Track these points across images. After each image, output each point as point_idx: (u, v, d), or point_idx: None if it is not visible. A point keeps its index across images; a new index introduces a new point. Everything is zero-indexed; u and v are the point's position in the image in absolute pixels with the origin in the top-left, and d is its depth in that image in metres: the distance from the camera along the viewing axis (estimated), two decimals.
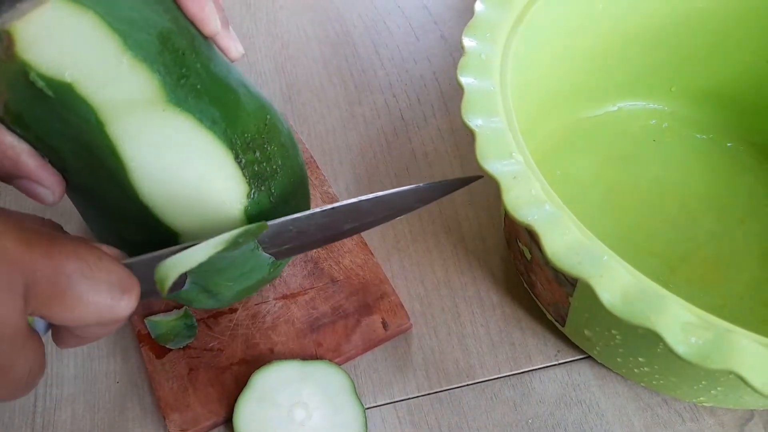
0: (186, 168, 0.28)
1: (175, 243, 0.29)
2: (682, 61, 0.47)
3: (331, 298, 0.40)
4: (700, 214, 0.44)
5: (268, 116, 0.31)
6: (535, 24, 0.37)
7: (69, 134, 0.27)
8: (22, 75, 0.25)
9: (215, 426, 0.37)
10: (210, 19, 0.29)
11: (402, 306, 0.40)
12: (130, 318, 0.39)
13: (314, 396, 0.36)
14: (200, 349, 0.38)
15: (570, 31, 0.42)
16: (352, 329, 0.39)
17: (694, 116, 0.49)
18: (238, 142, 0.29)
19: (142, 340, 0.38)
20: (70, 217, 0.44)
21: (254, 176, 0.30)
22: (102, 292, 0.24)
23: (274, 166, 0.31)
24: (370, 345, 0.39)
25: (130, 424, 0.37)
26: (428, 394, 0.38)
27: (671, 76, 0.48)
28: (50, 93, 0.25)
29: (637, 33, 0.45)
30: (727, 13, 0.44)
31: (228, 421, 0.36)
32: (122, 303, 0.24)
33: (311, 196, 0.41)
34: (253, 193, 0.30)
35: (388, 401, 0.38)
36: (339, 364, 0.38)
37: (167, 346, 0.38)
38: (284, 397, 0.36)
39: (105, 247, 0.26)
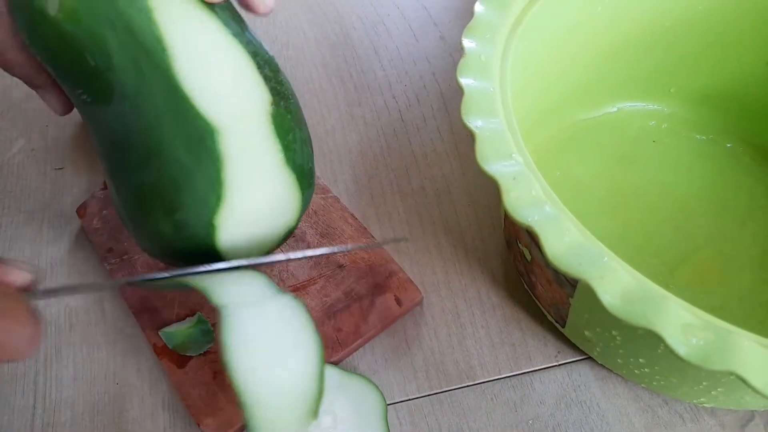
0: (219, 63, 0.30)
1: (210, 141, 0.30)
2: (681, 62, 0.47)
3: (341, 283, 0.40)
4: (700, 214, 0.44)
5: (274, 59, 0.34)
6: (534, 25, 0.37)
7: (120, 23, 0.28)
8: None
9: None
10: None
11: (411, 281, 0.41)
12: (144, 330, 0.39)
13: (346, 408, 0.35)
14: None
15: (569, 33, 0.42)
16: (367, 310, 0.39)
17: (694, 117, 0.49)
18: (257, 56, 0.32)
19: (160, 352, 0.38)
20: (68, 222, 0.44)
21: (273, 91, 0.32)
22: (10, 340, 0.24)
23: (287, 93, 0.33)
24: (387, 322, 0.39)
25: (130, 426, 0.37)
26: (428, 395, 0.38)
27: (670, 77, 0.48)
28: None
29: (636, 34, 0.45)
30: (726, 13, 0.44)
31: None
32: (27, 351, 0.25)
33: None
34: (277, 103, 0.32)
35: (389, 402, 0.38)
36: (372, 382, 0.37)
37: (187, 354, 0.38)
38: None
39: (16, 273, 0.27)
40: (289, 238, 0.36)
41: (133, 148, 0.30)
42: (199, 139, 0.30)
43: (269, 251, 0.35)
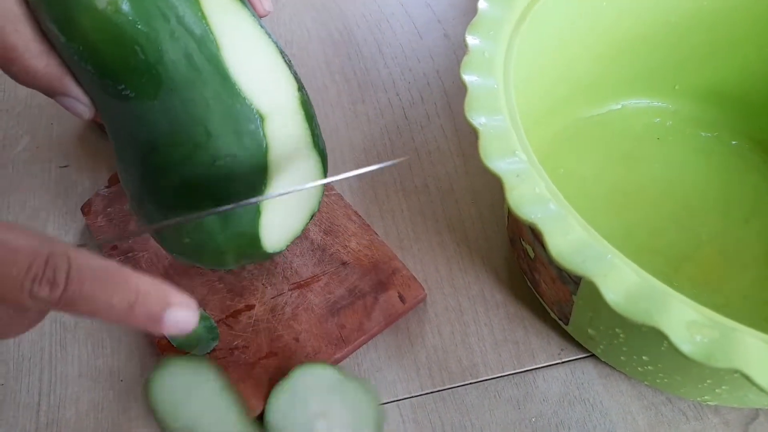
0: (257, 52, 0.31)
1: (258, 127, 0.31)
2: (685, 58, 0.47)
3: (345, 280, 0.41)
4: (705, 212, 0.44)
5: None
6: (538, 22, 0.37)
7: (172, 14, 0.28)
8: None
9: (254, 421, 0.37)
10: None
11: (414, 278, 0.41)
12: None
13: (343, 415, 0.35)
14: (224, 349, 0.38)
15: (573, 29, 0.42)
16: (371, 307, 0.39)
17: (699, 114, 0.49)
18: (278, 44, 0.32)
19: (164, 350, 0.38)
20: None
21: (296, 78, 0.33)
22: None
23: (301, 81, 0.34)
24: (391, 320, 0.39)
25: (134, 423, 0.38)
26: (431, 392, 0.38)
27: (675, 73, 0.48)
28: None
29: (641, 30, 0.45)
30: (732, 9, 0.43)
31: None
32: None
33: None
34: (301, 90, 0.33)
35: (392, 399, 0.38)
36: (372, 386, 0.37)
37: (193, 353, 0.38)
38: (316, 402, 0.35)
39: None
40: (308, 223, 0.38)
41: (179, 143, 0.30)
42: (247, 126, 0.30)
43: (295, 236, 0.37)
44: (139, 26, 0.28)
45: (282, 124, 0.32)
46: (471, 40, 0.35)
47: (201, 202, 0.31)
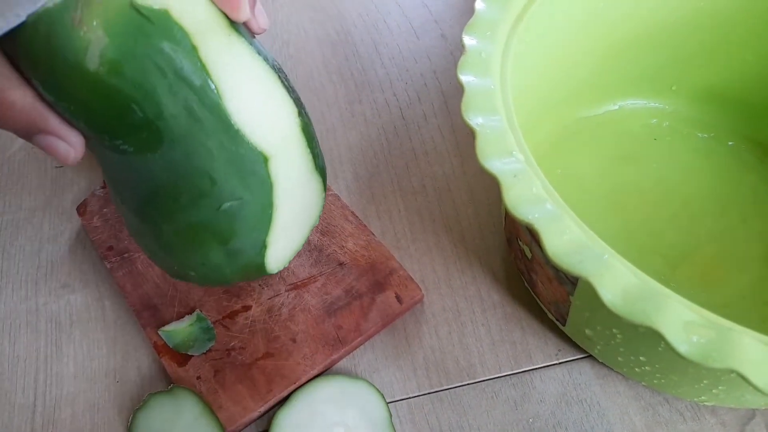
0: (256, 88, 0.29)
1: (262, 168, 0.30)
2: (683, 59, 0.47)
3: (341, 281, 0.40)
4: (702, 212, 0.44)
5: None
6: (535, 22, 0.37)
7: (169, 68, 0.26)
8: (123, 9, 0.25)
9: (251, 422, 0.37)
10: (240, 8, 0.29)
11: (411, 279, 0.41)
12: (144, 329, 0.39)
13: (356, 419, 0.36)
14: (221, 350, 0.38)
15: (570, 30, 0.42)
16: (368, 308, 0.39)
17: (696, 115, 0.49)
18: (275, 67, 0.31)
19: (160, 351, 0.38)
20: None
21: (295, 101, 0.32)
22: None
23: (299, 98, 0.33)
24: (388, 320, 0.39)
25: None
26: (429, 393, 0.38)
27: (672, 74, 0.48)
28: (152, 19, 0.25)
29: (638, 31, 0.45)
30: (729, 10, 0.43)
31: (263, 415, 0.37)
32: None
33: None
34: (300, 113, 0.32)
35: (389, 400, 0.38)
36: (374, 387, 0.38)
37: (189, 353, 0.38)
38: (331, 412, 0.36)
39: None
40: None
41: (182, 192, 0.30)
42: (252, 169, 0.30)
43: (297, 251, 0.37)
44: (135, 84, 0.26)
45: (285, 158, 0.31)
46: (468, 40, 0.35)
47: (205, 244, 0.31)
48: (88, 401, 0.38)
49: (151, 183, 0.30)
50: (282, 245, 0.34)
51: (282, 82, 0.31)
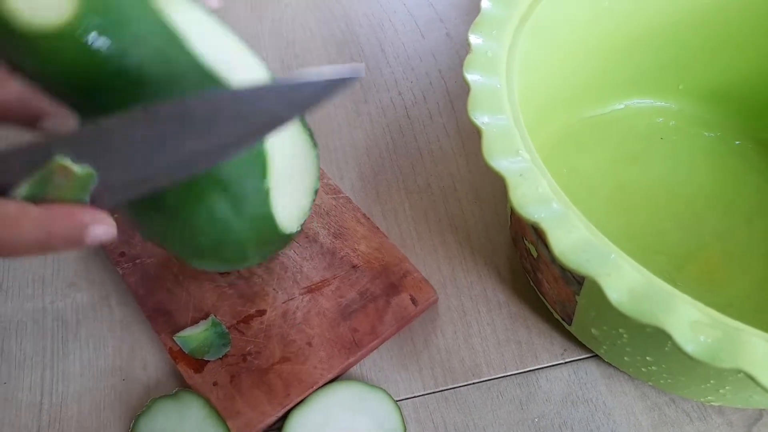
0: (223, 41, 0.30)
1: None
2: (689, 58, 0.47)
3: (356, 284, 0.40)
4: (708, 212, 0.44)
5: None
6: (541, 21, 0.37)
7: (133, 24, 0.27)
8: None
9: (269, 427, 0.36)
10: None
11: (426, 281, 0.40)
12: (159, 335, 0.39)
13: (369, 427, 0.36)
14: (237, 355, 0.38)
15: (576, 29, 0.42)
16: (383, 310, 0.39)
17: (702, 114, 0.49)
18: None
19: (176, 357, 0.38)
20: None
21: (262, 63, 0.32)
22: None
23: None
24: (403, 322, 0.39)
25: None
26: (434, 392, 0.38)
27: (678, 73, 0.48)
28: None
29: (644, 30, 0.45)
30: (735, 10, 0.43)
31: (280, 420, 0.36)
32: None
33: None
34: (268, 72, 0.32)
35: (395, 399, 0.38)
36: (395, 399, 0.37)
37: (205, 359, 0.38)
38: (344, 418, 0.36)
39: None
40: (312, 205, 0.37)
41: None
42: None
43: (306, 215, 0.37)
44: (102, 38, 0.26)
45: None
46: (474, 39, 0.35)
47: (206, 192, 0.31)
48: (94, 399, 0.38)
49: None
50: (287, 199, 0.34)
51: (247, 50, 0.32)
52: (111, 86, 0.28)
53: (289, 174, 0.34)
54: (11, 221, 0.23)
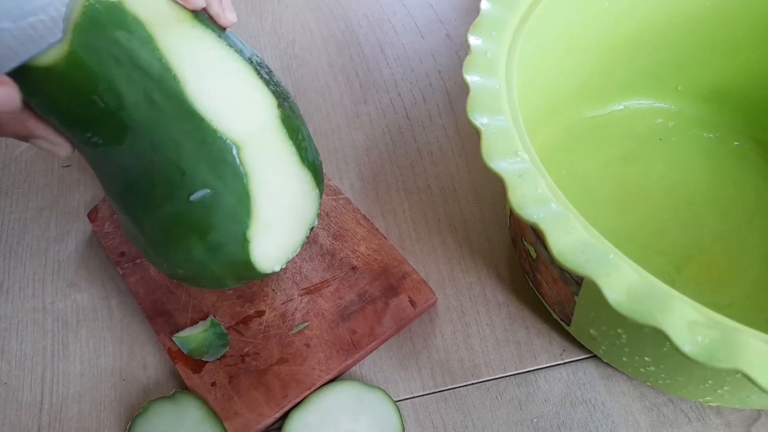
0: (224, 77, 0.30)
1: (232, 157, 0.30)
2: (688, 59, 0.47)
3: (354, 285, 0.40)
4: (707, 212, 0.44)
5: (264, 61, 0.34)
6: (540, 23, 0.37)
7: (124, 57, 0.27)
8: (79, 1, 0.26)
9: (267, 428, 0.37)
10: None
11: (425, 282, 0.41)
12: (158, 335, 0.39)
13: (369, 427, 0.36)
14: (236, 356, 0.38)
15: (575, 30, 0.42)
16: (381, 312, 0.39)
17: (701, 115, 0.49)
18: (252, 61, 0.31)
19: (175, 357, 0.38)
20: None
21: (276, 94, 0.32)
22: None
23: (285, 92, 0.33)
24: (402, 324, 0.39)
25: None
26: (433, 392, 0.38)
27: (677, 74, 0.48)
28: (105, 10, 0.27)
29: (643, 32, 0.45)
30: (734, 10, 0.43)
31: (278, 421, 0.36)
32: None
33: None
34: (281, 105, 0.32)
35: (394, 400, 0.38)
36: (394, 399, 0.37)
37: (203, 359, 0.38)
38: (343, 418, 0.36)
39: None
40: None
41: (155, 184, 0.30)
42: (221, 158, 0.30)
43: (294, 253, 0.36)
44: (94, 76, 0.27)
45: (262, 147, 0.31)
46: (473, 40, 0.35)
47: (185, 237, 0.31)
48: (94, 399, 0.38)
49: (126, 176, 0.30)
50: (271, 242, 0.33)
51: (258, 73, 0.31)
52: (99, 123, 0.28)
53: (281, 216, 0.33)
54: None
